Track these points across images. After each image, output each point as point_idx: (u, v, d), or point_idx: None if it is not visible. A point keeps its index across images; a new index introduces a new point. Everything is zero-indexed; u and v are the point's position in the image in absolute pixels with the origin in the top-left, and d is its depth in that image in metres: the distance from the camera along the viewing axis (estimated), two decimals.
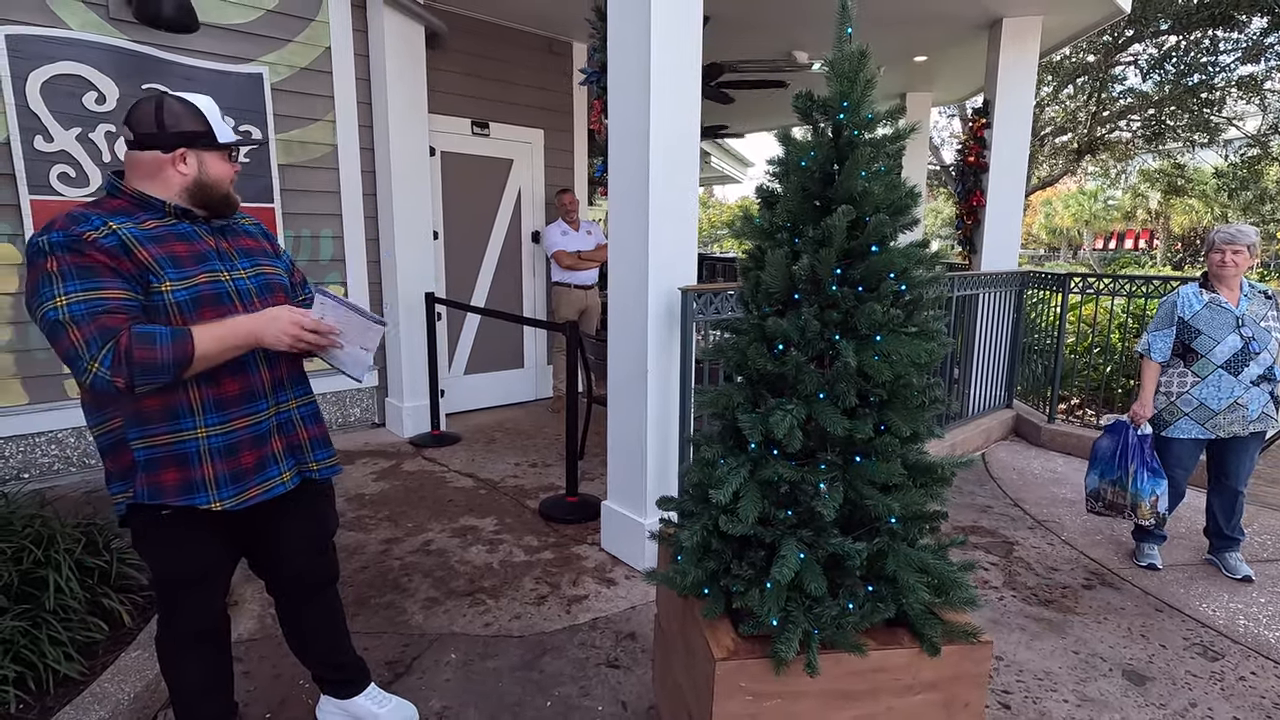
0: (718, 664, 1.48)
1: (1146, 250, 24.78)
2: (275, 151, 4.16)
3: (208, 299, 1.45)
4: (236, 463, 1.50)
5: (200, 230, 1.51)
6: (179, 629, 1.62)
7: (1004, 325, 4.92)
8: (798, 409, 1.46)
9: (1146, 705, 2.16)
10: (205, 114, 1.48)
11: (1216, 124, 11.26)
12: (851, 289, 1.50)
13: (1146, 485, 2.92)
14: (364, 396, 4.76)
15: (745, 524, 1.48)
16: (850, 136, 1.50)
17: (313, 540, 1.74)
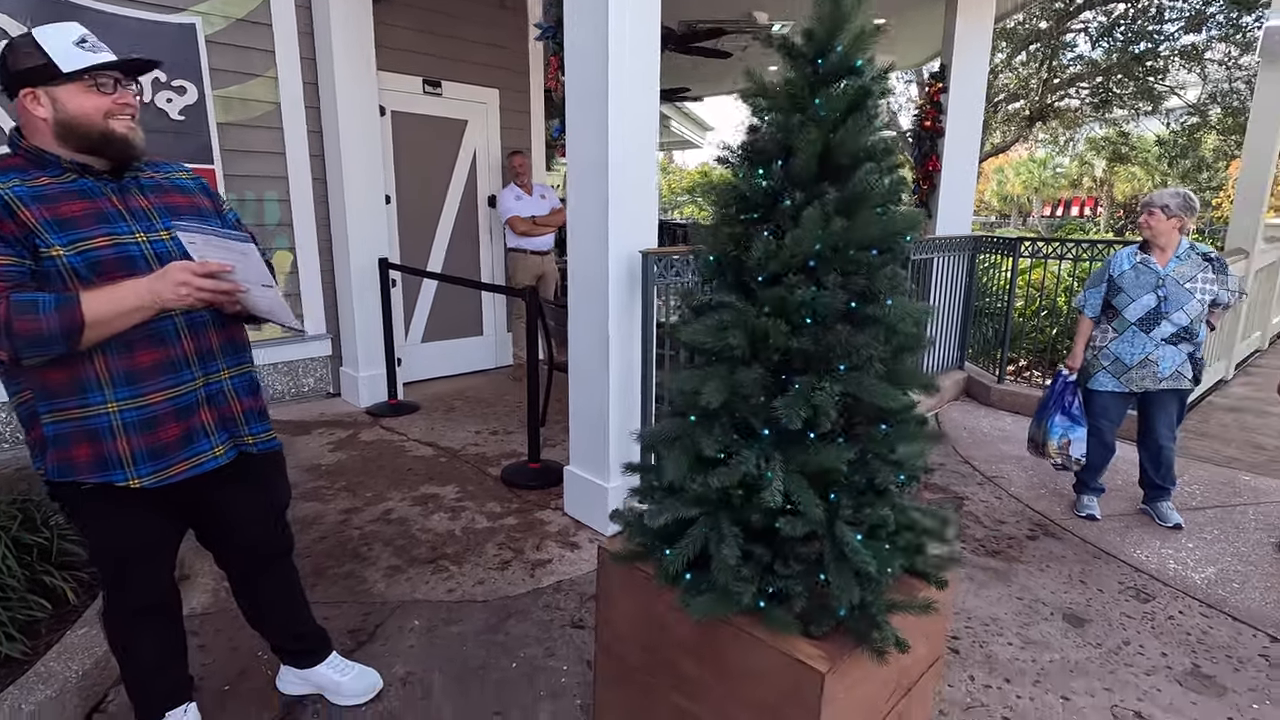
0: (599, 550, 1.41)
1: (1091, 217, 25.58)
2: (213, 109, 3.94)
3: (111, 263, 1.32)
4: (156, 438, 1.40)
5: (106, 188, 1.38)
6: (122, 604, 1.57)
7: (957, 289, 5.03)
8: (832, 385, 1.30)
9: (1084, 645, 2.28)
10: (40, 45, 1.28)
11: (1160, 92, 11.59)
12: (865, 252, 1.33)
13: (1056, 428, 3.16)
14: (317, 366, 4.64)
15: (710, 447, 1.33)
16: (862, 84, 1.30)
17: (262, 512, 1.67)
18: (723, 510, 1.37)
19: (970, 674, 2.13)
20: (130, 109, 1.37)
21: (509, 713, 1.92)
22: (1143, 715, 1.98)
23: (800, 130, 1.27)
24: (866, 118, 1.28)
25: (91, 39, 1.35)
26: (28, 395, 1.38)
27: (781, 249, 1.31)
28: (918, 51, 7.84)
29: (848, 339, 1.30)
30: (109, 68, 1.33)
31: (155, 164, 1.54)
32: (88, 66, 1.30)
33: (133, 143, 1.38)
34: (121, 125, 1.35)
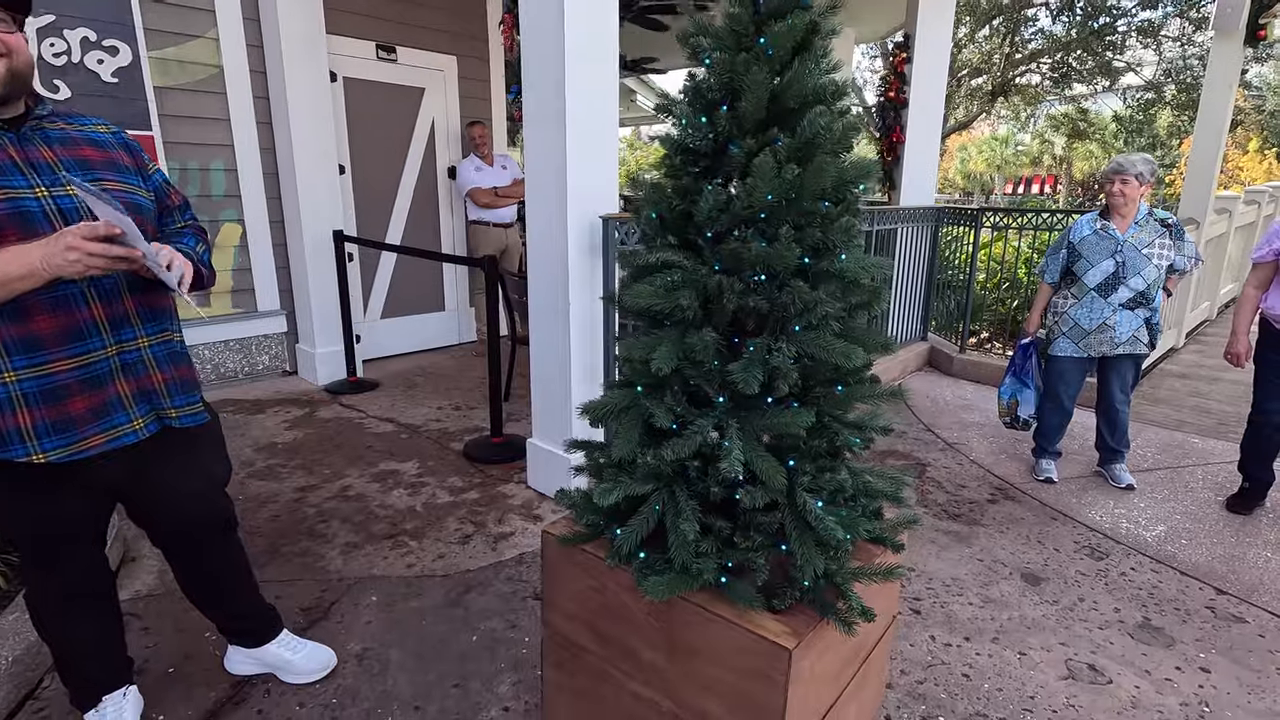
0: (543, 534, 1.37)
1: (1051, 195, 26.10)
2: (149, 71, 3.73)
3: (6, 219, 1.21)
4: (62, 410, 1.30)
5: (3, 138, 1.26)
6: (45, 586, 1.48)
7: (921, 260, 5.07)
8: (789, 346, 1.23)
9: (1041, 603, 2.32)
10: None
11: (1118, 68, 11.78)
12: (818, 203, 1.25)
13: (1006, 389, 3.32)
14: (272, 343, 4.48)
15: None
16: (810, 19, 1.22)
17: (194, 487, 1.57)
18: (678, 483, 1.32)
19: (931, 634, 2.15)
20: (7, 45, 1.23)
21: (469, 684, 1.88)
22: (1095, 667, 2.02)
23: (746, 70, 1.19)
24: (815, 56, 1.21)
25: None
26: None
27: (732, 201, 1.24)
28: (881, 23, 7.81)
29: (803, 296, 1.24)
30: None
31: (70, 116, 1.42)
32: None
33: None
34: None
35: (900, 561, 1.48)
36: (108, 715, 1.60)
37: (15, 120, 1.30)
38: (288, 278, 4.43)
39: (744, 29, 1.22)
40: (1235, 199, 6.36)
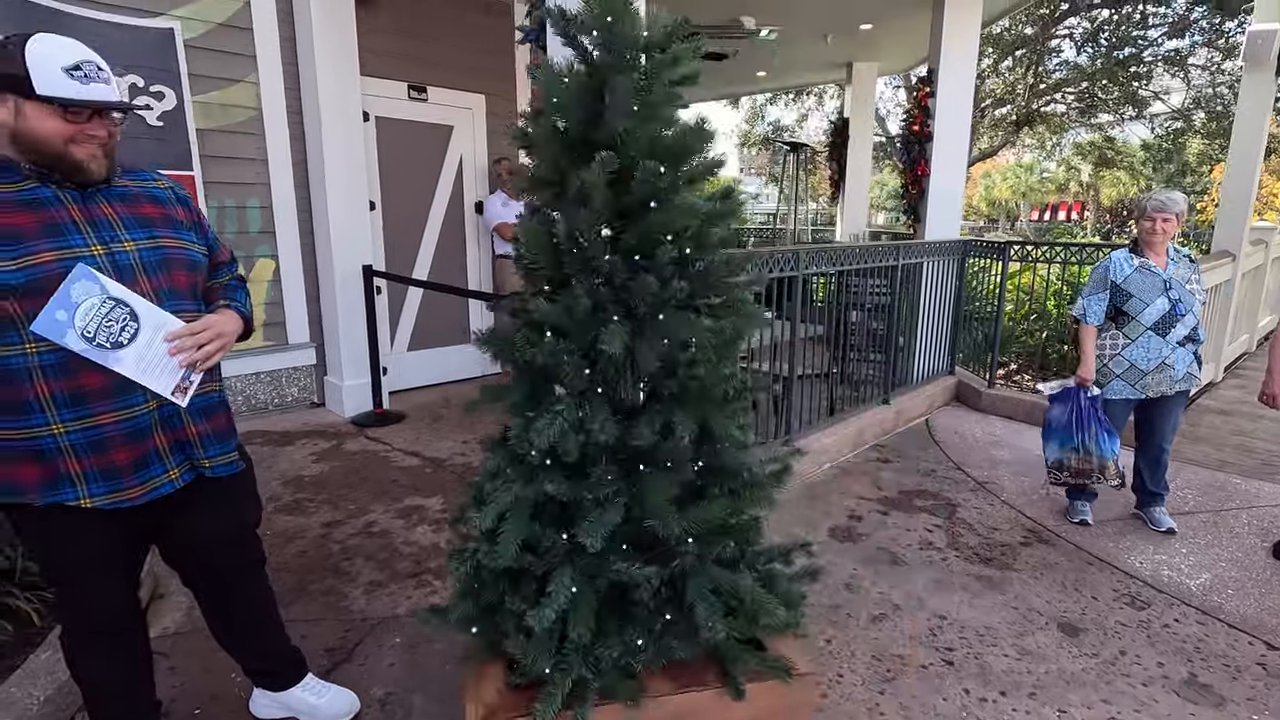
0: None
1: (1078, 221, 25.81)
2: (192, 115, 3.88)
3: (57, 279, 1.25)
4: (108, 460, 1.35)
5: (66, 196, 1.31)
6: (79, 626, 1.50)
7: (947, 293, 5.02)
8: (569, 409, 1.23)
9: (1080, 655, 2.24)
10: (25, 56, 1.23)
11: (1144, 97, 11.70)
12: (625, 258, 1.25)
13: (1108, 445, 2.98)
14: (301, 375, 4.56)
15: (505, 556, 1.23)
16: (611, 62, 1.23)
17: (225, 531, 1.60)
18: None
19: (965, 687, 2.08)
20: (98, 140, 1.31)
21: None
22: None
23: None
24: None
25: (89, 66, 1.28)
26: None
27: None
28: (906, 56, 7.86)
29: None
30: (81, 106, 1.27)
31: (131, 171, 1.48)
32: (62, 99, 1.25)
33: (88, 169, 1.31)
34: (82, 152, 1.30)
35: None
36: None
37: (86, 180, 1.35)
38: (317, 311, 4.53)
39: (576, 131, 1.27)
40: (1271, 229, 6.23)
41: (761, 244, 10.95)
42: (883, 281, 4.39)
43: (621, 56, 1.24)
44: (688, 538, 1.28)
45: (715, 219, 1.31)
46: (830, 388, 4.15)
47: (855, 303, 4.37)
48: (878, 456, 4.04)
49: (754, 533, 1.45)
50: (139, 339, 1.32)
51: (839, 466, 3.86)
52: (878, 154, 15.00)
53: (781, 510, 3.27)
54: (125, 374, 1.32)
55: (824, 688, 2.06)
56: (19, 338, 1.26)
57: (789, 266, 3.46)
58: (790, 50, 7.18)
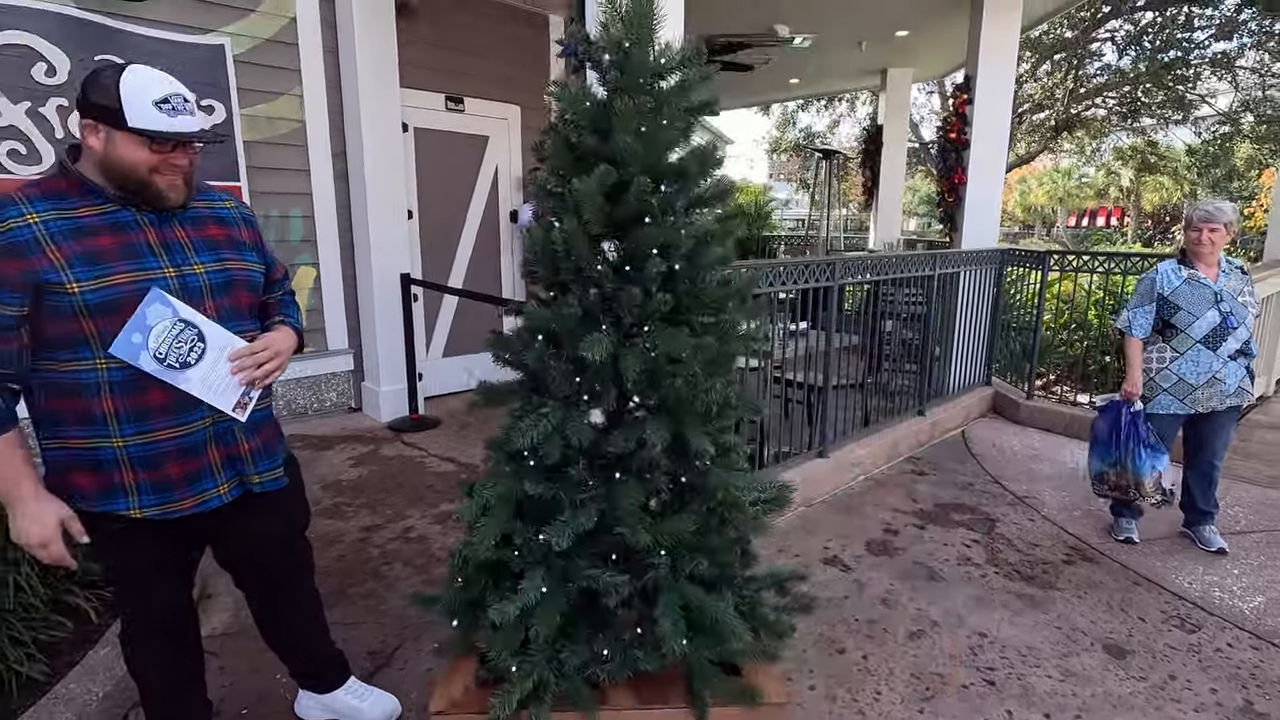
0: (434, 718, 1.30)
1: (1118, 228, 25.15)
2: (240, 127, 4.00)
3: (132, 300, 1.31)
4: (161, 473, 1.40)
5: (144, 219, 1.37)
6: (136, 625, 1.56)
7: (984, 303, 4.93)
8: (555, 413, 1.27)
9: (1127, 678, 2.18)
10: (119, 88, 1.28)
11: (1190, 100, 11.38)
12: (616, 270, 1.29)
13: (1145, 463, 2.90)
14: (339, 381, 4.66)
15: (483, 548, 1.27)
16: (621, 83, 1.29)
17: (274, 537, 1.65)
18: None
19: (1007, 708, 2.04)
20: (180, 170, 1.37)
21: None
22: None
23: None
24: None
25: (176, 99, 1.33)
26: None
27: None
28: (941, 62, 7.77)
29: None
30: (170, 139, 1.32)
31: (202, 192, 1.53)
32: (150, 131, 1.30)
33: (167, 197, 1.37)
34: (163, 181, 1.35)
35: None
36: None
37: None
38: (356, 318, 4.62)
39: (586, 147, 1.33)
40: None
41: (793, 251, 10.87)
42: (917, 291, 4.33)
43: (635, 80, 1.29)
44: (660, 550, 1.30)
45: (712, 239, 1.33)
46: (864, 398, 4.11)
47: (889, 312, 4.32)
48: (913, 469, 3.98)
49: (736, 555, 1.44)
50: (205, 359, 1.39)
51: (873, 478, 3.82)
52: (909, 159, 14.82)
53: (814, 522, 3.25)
54: (192, 392, 1.38)
55: (861, 705, 2.04)
56: (91, 354, 1.32)
57: (825, 277, 3.44)
58: (824, 57, 7.15)
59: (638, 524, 1.27)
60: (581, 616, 1.34)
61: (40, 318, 1.29)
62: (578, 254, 1.27)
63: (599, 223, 1.27)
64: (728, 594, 1.39)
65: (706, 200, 1.39)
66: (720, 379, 1.34)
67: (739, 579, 1.50)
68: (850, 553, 2.97)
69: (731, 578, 1.46)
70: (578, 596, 1.31)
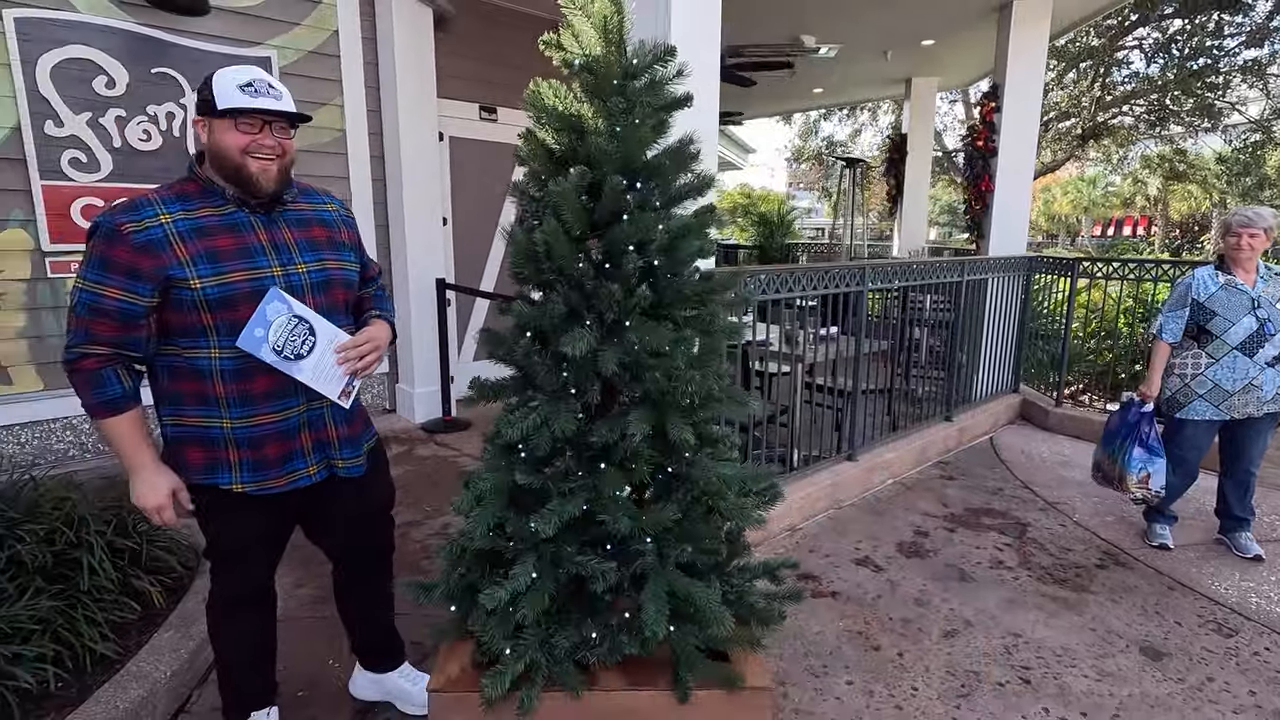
0: (431, 695, 1.36)
1: (1144, 237, 24.80)
2: None
3: (244, 296, 1.44)
4: (260, 453, 1.52)
5: (256, 220, 1.49)
6: (223, 593, 1.67)
7: (1012, 310, 4.93)
8: (543, 406, 1.33)
9: (1165, 680, 2.19)
10: (213, 80, 1.41)
11: (1220, 108, 11.25)
12: (597, 267, 1.34)
13: (1135, 461, 2.96)
14: (374, 382, 4.77)
15: (477, 536, 1.33)
16: (593, 86, 1.35)
17: (356, 516, 1.76)
18: None
19: (1044, 706, 2.06)
20: (267, 149, 1.45)
21: None
22: None
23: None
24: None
25: (259, 83, 1.43)
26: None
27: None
28: (966, 71, 7.78)
29: None
30: (251, 114, 1.42)
31: (308, 193, 1.65)
32: (232, 108, 1.40)
33: (259, 181, 1.45)
34: (255, 165, 1.44)
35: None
36: None
37: (268, 203, 1.51)
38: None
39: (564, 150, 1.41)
40: None
41: (816, 259, 10.89)
42: (944, 297, 4.35)
43: (608, 82, 1.35)
44: (644, 537, 1.35)
45: (688, 233, 1.38)
46: (890, 402, 4.13)
47: (917, 319, 4.34)
48: (941, 474, 3.99)
49: (722, 543, 1.48)
50: (315, 351, 1.51)
51: (902, 482, 3.84)
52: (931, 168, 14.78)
53: (844, 524, 3.28)
54: (303, 380, 1.50)
55: (898, 700, 2.07)
56: (207, 343, 1.45)
57: (854, 282, 3.48)
58: (849, 67, 7.20)
59: (618, 511, 1.33)
60: (571, 602, 1.41)
61: (166, 308, 1.42)
62: (558, 254, 1.33)
63: (579, 223, 1.33)
64: (715, 582, 1.44)
65: (686, 194, 1.45)
66: (701, 371, 1.39)
67: (729, 568, 1.55)
68: (881, 553, 3.00)
69: (720, 566, 1.51)
70: (567, 582, 1.37)
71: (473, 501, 1.37)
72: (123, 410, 1.43)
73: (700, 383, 1.35)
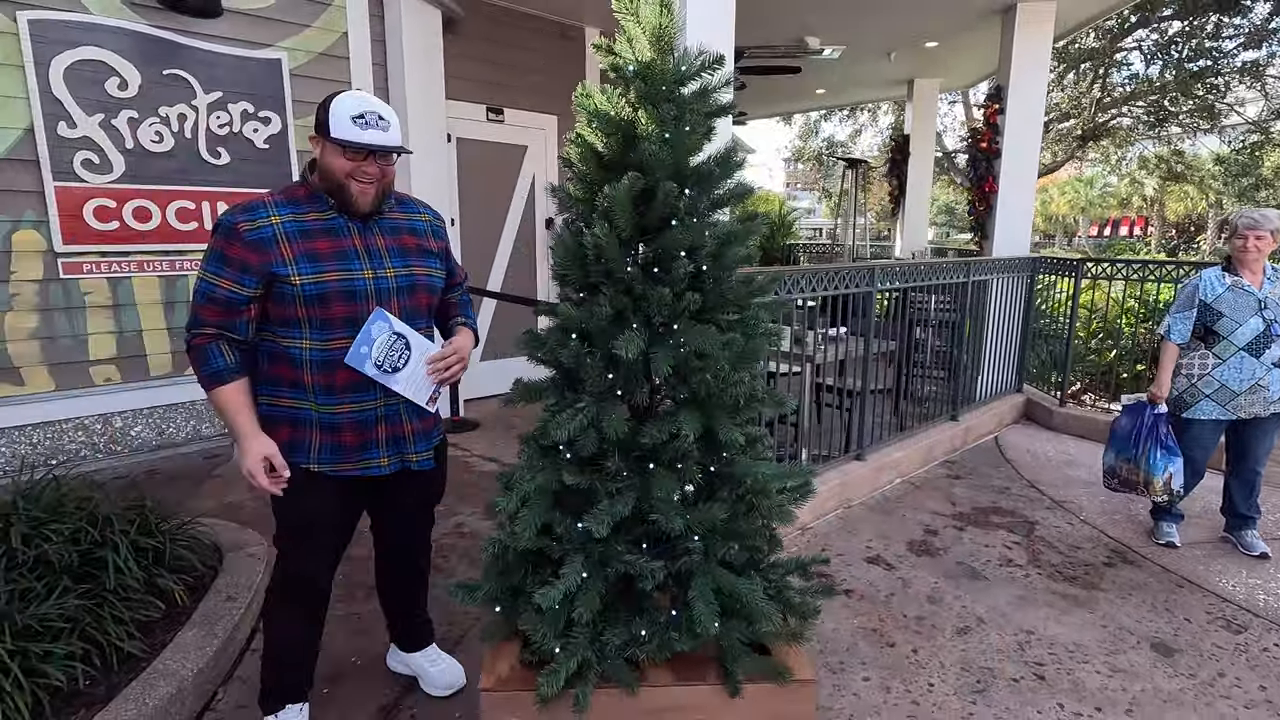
0: (482, 695, 1.37)
1: (1141, 237, 24.91)
2: (294, 138, 4.15)
3: (336, 294, 1.57)
4: (337, 439, 1.65)
5: (352, 227, 1.61)
6: (284, 577, 1.75)
7: (1016, 310, 4.97)
8: (590, 407, 1.35)
9: (1176, 675, 2.22)
10: (330, 106, 1.53)
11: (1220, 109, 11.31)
12: (645, 271, 1.37)
13: (1159, 463, 2.96)
14: None
15: (524, 538, 1.35)
16: (645, 92, 1.37)
17: (414, 508, 1.88)
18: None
19: (1059, 701, 2.09)
20: (369, 176, 1.56)
21: None
22: None
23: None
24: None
25: (370, 115, 1.53)
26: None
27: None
28: (968, 72, 7.82)
29: None
30: (359, 149, 1.53)
31: (403, 202, 1.75)
32: (342, 141, 1.51)
33: (357, 202, 1.58)
34: (355, 187, 1.56)
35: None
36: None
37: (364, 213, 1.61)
38: None
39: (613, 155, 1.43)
40: None
41: (816, 260, 10.93)
42: (947, 298, 4.38)
43: (658, 89, 1.37)
44: (693, 535, 1.37)
45: (735, 239, 1.41)
46: (896, 402, 4.16)
47: (922, 319, 4.37)
48: (948, 473, 4.02)
49: (765, 541, 1.51)
50: (409, 364, 1.63)
51: (910, 481, 3.87)
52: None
53: (854, 523, 3.31)
54: (398, 390, 1.62)
55: (914, 696, 2.10)
56: (300, 335, 1.58)
57: (863, 282, 3.51)
58: (852, 68, 7.23)
59: (672, 511, 1.35)
60: (620, 600, 1.43)
61: (268, 299, 1.57)
62: (608, 257, 1.35)
63: (629, 227, 1.36)
64: (756, 578, 1.46)
65: (726, 201, 1.48)
66: (747, 373, 1.42)
67: (766, 564, 1.57)
68: (892, 552, 3.03)
69: (759, 563, 1.54)
70: (615, 581, 1.40)
71: (518, 503, 1.39)
72: (226, 381, 1.56)
73: (748, 384, 1.38)
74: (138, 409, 3.80)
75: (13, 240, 3.37)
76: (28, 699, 1.66)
